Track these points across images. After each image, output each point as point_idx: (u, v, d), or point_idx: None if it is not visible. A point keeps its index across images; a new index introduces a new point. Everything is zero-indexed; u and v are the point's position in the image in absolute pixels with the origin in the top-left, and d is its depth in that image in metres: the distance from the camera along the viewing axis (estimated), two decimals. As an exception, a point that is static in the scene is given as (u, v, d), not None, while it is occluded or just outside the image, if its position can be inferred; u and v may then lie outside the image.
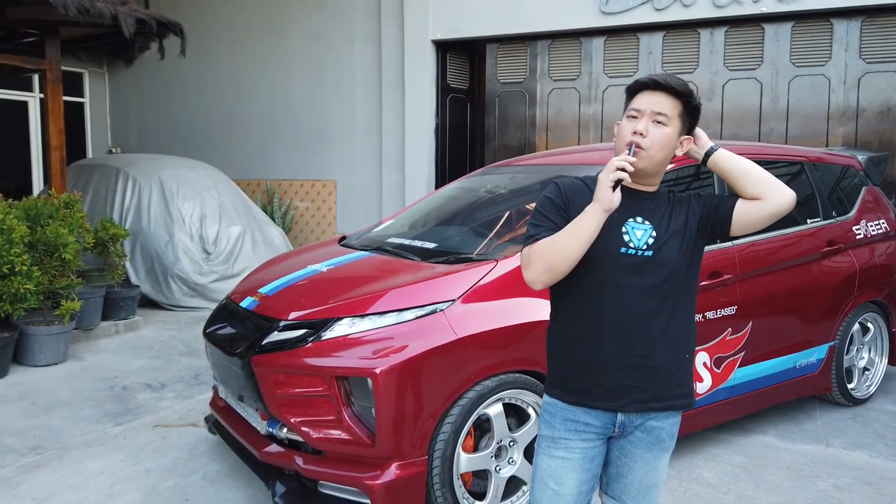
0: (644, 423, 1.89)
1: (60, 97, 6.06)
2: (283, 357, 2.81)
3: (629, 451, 1.93)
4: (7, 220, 4.61)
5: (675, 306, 1.86)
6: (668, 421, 1.92)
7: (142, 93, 10.69)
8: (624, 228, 1.84)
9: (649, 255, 1.83)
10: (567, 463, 1.90)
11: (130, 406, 4.40)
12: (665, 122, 1.83)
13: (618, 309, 1.83)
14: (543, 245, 1.81)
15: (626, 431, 1.91)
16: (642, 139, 1.81)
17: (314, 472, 2.75)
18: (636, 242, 1.84)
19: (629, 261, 1.83)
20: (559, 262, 1.77)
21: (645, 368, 1.85)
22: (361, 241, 3.85)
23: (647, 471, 1.94)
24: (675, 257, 1.85)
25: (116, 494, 3.23)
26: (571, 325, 1.91)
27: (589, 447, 1.90)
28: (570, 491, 1.90)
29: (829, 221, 4.25)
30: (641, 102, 1.85)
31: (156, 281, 6.96)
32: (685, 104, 1.85)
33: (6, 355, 4.82)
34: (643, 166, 1.82)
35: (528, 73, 8.12)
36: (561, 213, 1.87)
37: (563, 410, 1.91)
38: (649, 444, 1.91)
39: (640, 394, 1.86)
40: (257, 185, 9.59)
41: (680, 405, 1.91)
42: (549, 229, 1.84)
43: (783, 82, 7.02)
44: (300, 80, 9.27)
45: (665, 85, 1.83)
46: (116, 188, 7.34)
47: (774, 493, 3.26)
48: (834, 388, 4.27)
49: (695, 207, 1.90)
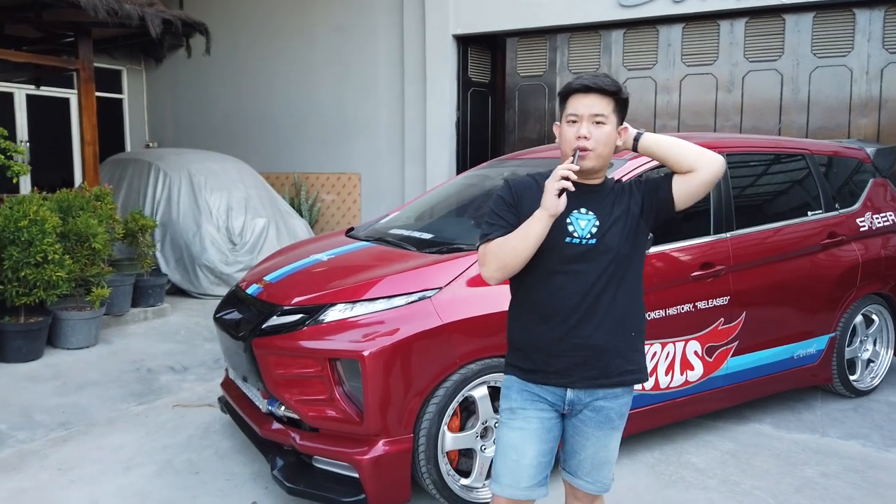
0: (592, 403, 2.03)
1: (93, 95, 6.37)
2: (281, 340, 2.99)
3: (581, 430, 2.06)
4: (41, 211, 4.91)
5: (619, 288, 1.99)
6: (617, 402, 2.05)
7: (177, 89, 11.05)
8: (568, 220, 1.97)
9: (593, 243, 1.97)
10: (526, 434, 2.02)
11: (154, 387, 4.67)
12: (603, 121, 1.96)
13: (566, 295, 1.97)
14: (497, 245, 1.96)
15: (575, 409, 2.04)
16: (587, 142, 1.94)
17: (309, 447, 2.93)
18: (580, 232, 1.97)
19: (574, 250, 1.97)
20: (511, 261, 1.93)
21: (593, 348, 1.98)
22: (366, 232, 4.02)
23: (598, 448, 2.07)
24: (617, 243, 1.98)
25: (133, 467, 3.48)
26: (525, 311, 2.06)
27: (546, 417, 2.04)
28: (529, 461, 2.02)
29: (832, 214, 4.27)
30: (577, 107, 1.96)
31: (184, 270, 7.27)
32: (616, 100, 1.98)
33: (41, 338, 5.14)
34: (592, 165, 1.97)
35: (548, 66, 8.18)
36: (512, 210, 2.01)
37: (519, 383, 2.06)
38: (599, 423, 2.04)
39: (589, 371, 2.00)
40: (285, 178, 9.86)
41: (630, 380, 2.05)
42: (503, 227, 1.98)
43: (804, 73, 6.95)
44: (326, 76, 9.49)
45: (596, 87, 1.95)
46: (148, 181, 7.67)
47: (760, 478, 3.33)
48: (835, 379, 4.29)
49: (636, 194, 2.03)
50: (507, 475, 2.03)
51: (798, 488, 3.23)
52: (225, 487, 3.26)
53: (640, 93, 7.70)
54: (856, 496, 3.16)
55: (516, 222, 1.97)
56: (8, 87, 9.16)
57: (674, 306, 3.47)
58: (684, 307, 3.52)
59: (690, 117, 7.47)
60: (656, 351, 3.45)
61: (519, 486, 2.02)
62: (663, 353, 3.48)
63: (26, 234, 4.83)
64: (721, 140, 4.04)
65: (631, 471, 3.40)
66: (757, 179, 4.23)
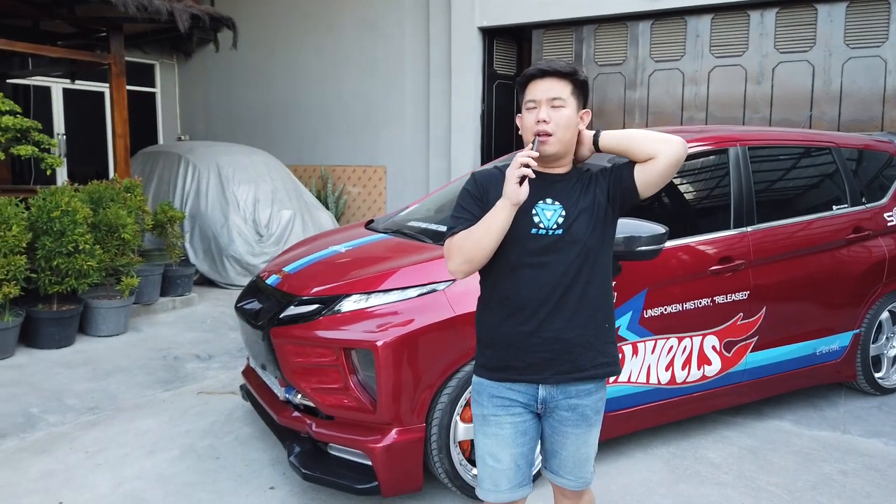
0: (566, 401, 1.99)
1: (124, 88, 6.52)
2: (297, 329, 3.05)
3: (559, 430, 2.03)
4: (72, 202, 5.06)
5: (589, 280, 1.95)
6: (591, 398, 2.01)
7: (208, 83, 11.23)
8: (534, 210, 1.94)
9: (560, 233, 1.93)
10: (500, 440, 2.00)
11: (180, 374, 4.79)
12: (562, 104, 1.94)
13: (534, 287, 1.94)
14: (460, 238, 1.93)
15: (549, 408, 2.01)
16: (547, 126, 1.92)
17: (324, 435, 2.99)
18: (546, 223, 1.93)
19: (541, 241, 1.93)
20: (476, 254, 1.90)
21: (564, 341, 1.95)
22: (385, 225, 4.07)
23: (578, 446, 2.04)
24: (585, 234, 1.94)
25: (157, 451, 3.58)
26: (493, 305, 2.01)
27: (518, 421, 2.00)
28: (507, 466, 2.00)
29: (858, 208, 4.19)
30: (535, 93, 1.96)
31: (212, 261, 7.41)
32: (573, 82, 1.96)
33: (73, 326, 5.31)
34: (553, 151, 1.94)
35: (574, 58, 8.13)
36: (478, 203, 1.99)
37: (489, 387, 2.02)
38: (576, 422, 2.01)
39: (561, 365, 1.96)
40: (313, 170, 9.97)
41: (603, 373, 2.01)
42: (468, 221, 1.96)
43: (836, 64, 6.81)
44: (352, 69, 9.56)
45: (551, 70, 1.95)
46: (178, 173, 7.83)
47: (776, 474, 3.30)
48: (859, 376, 4.22)
49: (601, 182, 2.00)
50: (487, 480, 2.03)
51: (814, 485, 3.20)
52: (244, 472, 3.34)
53: (667, 85, 7.62)
54: (874, 494, 3.12)
55: (481, 214, 1.93)
56: (46, 81, 9.42)
57: (691, 300, 3.45)
58: (702, 301, 3.49)
59: (718, 109, 7.36)
60: (672, 345, 3.43)
61: (500, 490, 2.01)
62: (680, 348, 3.46)
63: (58, 224, 4.99)
64: (742, 133, 3.98)
65: (645, 465, 3.40)
66: (780, 173, 4.17)
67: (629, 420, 3.40)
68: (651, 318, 3.34)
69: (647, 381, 3.39)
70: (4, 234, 4.78)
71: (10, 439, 3.71)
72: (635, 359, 3.34)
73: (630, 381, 3.34)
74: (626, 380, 3.32)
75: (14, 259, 4.84)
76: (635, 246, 2.92)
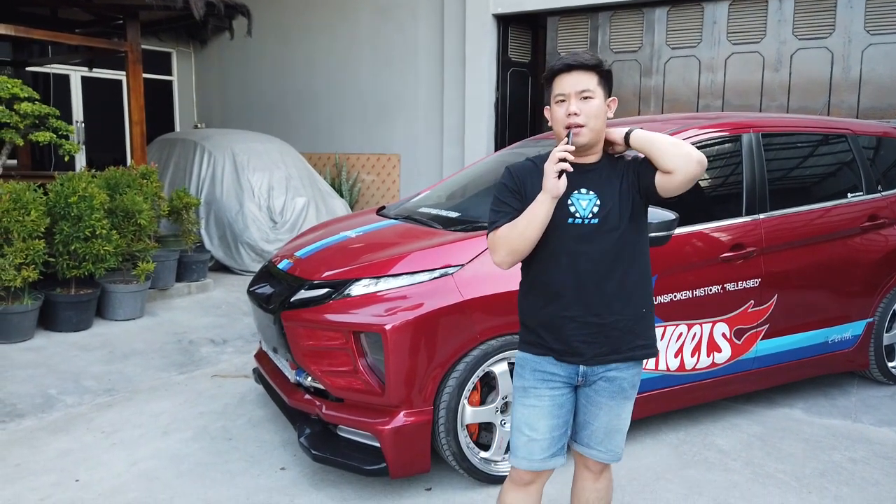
0: (606, 373, 2.07)
1: (140, 76, 6.58)
2: (308, 313, 3.09)
3: (594, 400, 2.10)
4: (89, 188, 5.13)
5: (628, 266, 2.03)
6: (629, 371, 2.09)
7: (224, 71, 11.29)
8: (570, 201, 2.01)
9: (596, 222, 2.00)
10: (538, 410, 2.08)
11: (194, 358, 4.86)
12: (591, 95, 1.99)
13: (573, 274, 2.01)
14: (505, 231, 2.00)
15: (589, 380, 2.09)
16: (578, 118, 1.97)
17: (334, 417, 3.03)
18: (582, 212, 2.00)
19: (578, 230, 2.00)
20: (520, 245, 1.98)
21: (603, 325, 2.03)
22: (396, 211, 4.09)
23: (611, 417, 2.11)
24: (620, 221, 2.01)
25: (171, 431, 3.65)
26: (534, 292, 2.11)
27: (557, 395, 2.08)
28: (542, 436, 2.08)
29: (873, 196, 4.15)
30: (563, 87, 2.00)
31: (227, 247, 7.48)
32: (599, 73, 2.00)
33: (90, 310, 5.40)
34: (586, 140, 2.00)
35: (589, 45, 8.07)
36: (516, 196, 2.06)
37: (532, 362, 2.10)
38: (612, 393, 2.09)
39: (600, 348, 2.04)
40: (327, 158, 10.01)
41: (640, 355, 2.09)
42: (508, 214, 2.03)
43: (856, 51, 6.71)
44: (367, 57, 9.57)
45: (577, 64, 1.99)
46: (194, 160, 7.90)
47: (784, 462, 3.30)
48: (872, 365, 4.19)
49: (630, 174, 2.05)
50: (522, 449, 2.10)
51: (823, 472, 3.20)
52: (256, 453, 3.40)
53: (683, 72, 7.55)
54: (882, 482, 3.11)
55: (521, 207, 2.01)
56: (64, 69, 9.53)
57: (701, 288, 3.44)
58: (713, 289, 3.48)
59: (735, 97, 7.29)
60: (682, 332, 3.43)
61: (534, 459, 2.09)
62: (689, 335, 3.46)
63: (76, 209, 5.06)
64: (756, 119, 3.95)
65: (653, 450, 3.41)
66: (794, 160, 4.13)
67: (639, 406, 3.36)
68: (661, 304, 3.33)
69: (657, 367, 3.40)
70: (23, 218, 4.86)
71: (28, 419, 3.79)
72: (644, 345, 3.34)
73: (639, 368, 3.34)
74: (634, 366, 3.32)
75: (33, 244, 4.92)
76: (645, 232, 2.93)
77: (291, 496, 3.00)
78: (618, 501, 2.93)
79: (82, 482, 3.12)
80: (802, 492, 3.02)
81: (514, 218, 2.00)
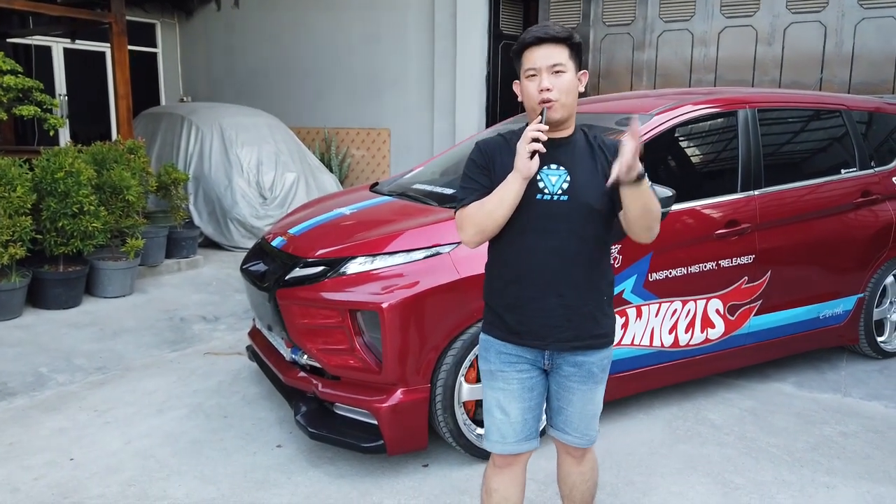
0: (573, 359, 2.01)
1: (126, 48, 6.44)
2: (303, 291, 3.07)
3: (566, 386, 2.05)
4: (76, 163, 5.04)
5: (595, 250, 1.97)
6: (597, 356, 2.03)
7: (210, 43, 11.09)
8: (539, 176, 1.92)
9: (565, 199, 1.92)
10: (507, 393, 2.03)
11: (186, 335, 4.83)
12: (562, 69, 1.90)
13: (539, 253, 1.94)
14: (473, 209, 1.94)
15: (556, 365, 2.03)
16: (551, 93, 1.88)
17: (330, 395, 3.03)
18: (551, 188, 1.92)
19: (546, 207, 1.92)
20: (488, 225, 1.91)
21: (566, 308, 1.96)
22: (389, 187, 4.05)
23: (584, 402, 2.06)
24: (589, 199, 1.92)
25: (166, 409, 3.63)
26: (498, 270, 2.03)
27: (525, 378, 2.03)
28: (514, 419, 2.04)
29: (867, 172, 4.15)
30: (534, 60, 1.91)
31: (216, 223, 7.41)
32: (570, 46, 1.92)
33: (79, 287, 5.34)
34: (560, 116, 1.90)
35: (582, 18, 7.98)
36: (485, 172, 1.98)
37: (497, 345, 2.04)
38: (583, 378, 2.03)
39: (561, 333, 1.97)
40: (316, 133, 9.90)
41: (600, 344, 2.02)
42: (476, 191, 1.96)
43: (849, 25, 6.67)
44: (356, 30, 9.42)
45: (548, 37, 1.90)
46: (181, 135, 7.78)
47: (777, 435, 3.34)
48: (862, 339, 4.24)
49: (603, 161, 1.96)
50: (495, 433, 2.06)
51: (815, 446, 3.24)
52: (251, 431, 3.39)
53: (676, 46, 7.49)
54: (874, 455, 3.16)
55: (490, 184, 1.93)
56: (46, 41, 9.31)
57: (696, 264, 3.45)
58: (707, 265, 3.49)
59: (728, 72, 7.25)
60: (676, 308, 3.44)
61: (507, 442, 2.05)
62: (684, 311, 3.47)
63: (62, 185, 4.98)
64: (752, 95, 3.93)
65: (646, 426, 3.44)
66: (788, 136, 4.13)
67: (632, 382, 3.43)
68: (656, 281, 3.34)
69: (651, 343, 3.41)
70: (9, 195, 4.78)
71: (20, 397, 3.76)
72: (639, 322, 3.35)
73: (634, 344, 3.36)
74: (629, 342, 3.34)
75: (19, 220, 4.84)
76: (641, 209, 2.91)
77: (289, 473, 3.00)
78: (613, 476, 2.97)
79: (77, 461, 3.11)
80: (795, 465, 3.06)
81: (483, 195, 1.93)
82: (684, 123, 3.58)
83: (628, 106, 3.83)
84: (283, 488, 2.89)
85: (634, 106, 3.77)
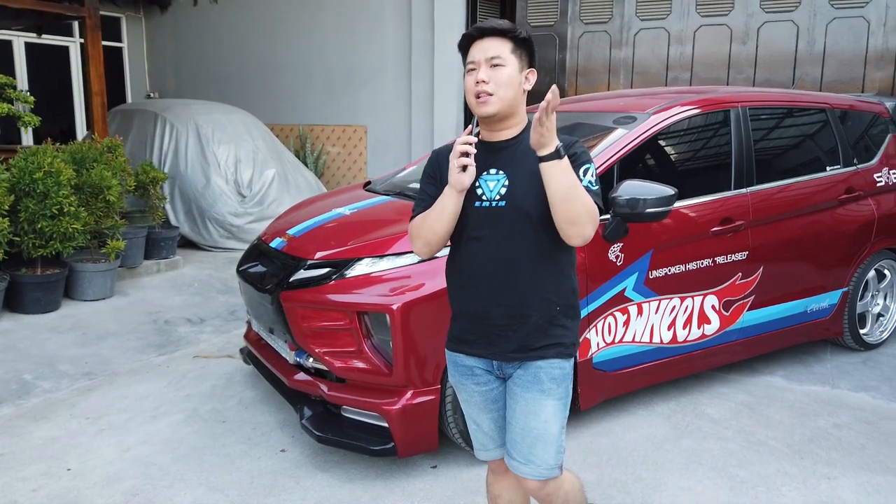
0: (522, 363, 1.92)
1: (100, 43, 6.26)
2: (308, 293, 3.02)
3: (511, 392, 1.94)
4: (55, 163, 4.89)
5: (539, 255, 1.86)
6: (546, 361, 1.89)
7: (178, 38, 10.85)
8: (478, 182, 1.87)
9: (503, 205, 1.84)
10: (472, 405, 2.01)
11: (172, 338, 4.73)
12: (501, 62, 1.82)
13: (480, 260, 1.88)
14: (418, 221, 1.92)
15: (507, 374, 1.95)
16: (486, 86, 1.81)
17: (337, 397, 3.00)
18: (489, 194, 1.85)
19: (484, 213, 1.85)
20: (432, 237, 1.88)
21: (510, 318, 1.88)
22: (384, 186, 4.01)
23: (526, 415, 1.89)
24: (529, 204, 1.82)
25: (161, 415, 3.55)
26: (451, 279, 2.01)
27: (485, 390, 1.97)
28: (488, 429, 2.02)
29: (850, 169, 4.26)
30: (474, 54, 1.85)
31: (194, 223, 7.27)
32: (513, 40, 1.85)
33: (58, 290, 5.18)
34: (494, 111, 1.82)
35: (559, 15, 8.03)
36: (434, 182, 1.95)
37: (452, 356, 2.01)
38: (527, 382, 1.89)
39: (507, 343, 1.89)
40: (290, 130, 9.77)
41: (550, 355, 1.89)
42: (425, 202, 1.93)
43: (821, 24, 6.85)
44: (331, 23, 9.31)
45: (489, 29, 1.85)
46: (155, 133, 7.60)
47: (774, 428, 3.42)
48: (846, 332, 4.36)
49: None
50: (476, 441, 2.07)
51: (812, 438, 3.32)
52: (252, 436, 3.34)
53: (652, 44, 7.58)
54: (868, 446, 3.25)
55: (436, 194, 1.88)
56: (7, 34, 9.00)
57: (694, 261, 3.50)
58: (704, 262, 3.55)
59: (703, 70, 7.37)
60: (675, 305, 3.49)
61: (488, 450, 2.04)
62: (682, 308, 3.53)
63: (41, 185, 4.82)
64: (742, 94, 4.00)
65: (647, 421, 3.49)
66: (778, 134, 4.21)
67: (633, 378, 3.47)
68: (656, 278, 3.38)
69: (651, 340, 3.45)
70: (-16, 196, 4.61)
71: (6, 406, 3.64)
72: (640, 319, 3.39)
73: (634, 341, 3.40)
74: (630, 339, 3.38)
75: (-5, 222, 4.68)
76: (643, 208, 2.95)
77: (297, 478, 2.97)
78: (621, 473, 3.00)
79: (74, 471, 3.02)
80: (795, 458, 3.13)
81: (430, 206, 1.88)
82: (681, 122, 3.63)
83: (625, 104, 3.87)
84: (292, 493, 2.85)
85: (631, 104, 3.81)
